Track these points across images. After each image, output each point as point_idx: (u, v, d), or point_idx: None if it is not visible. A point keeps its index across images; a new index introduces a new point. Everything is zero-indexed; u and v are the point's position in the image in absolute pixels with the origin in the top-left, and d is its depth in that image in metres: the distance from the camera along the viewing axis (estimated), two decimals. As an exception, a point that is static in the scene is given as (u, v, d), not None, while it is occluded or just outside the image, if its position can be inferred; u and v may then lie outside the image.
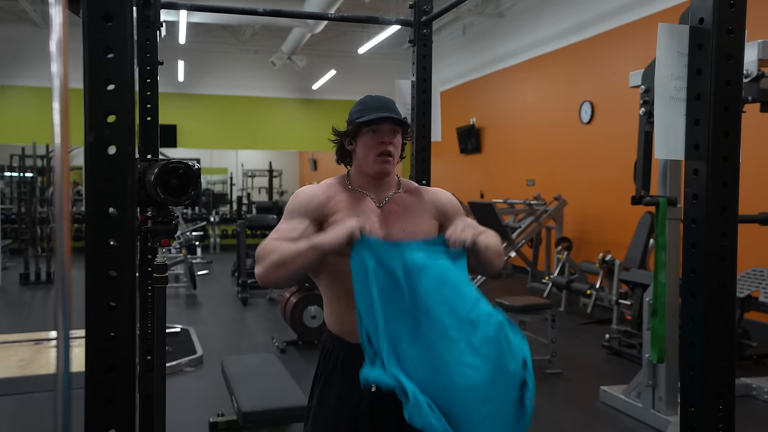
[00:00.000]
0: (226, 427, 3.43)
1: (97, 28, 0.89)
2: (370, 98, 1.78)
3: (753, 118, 2.97)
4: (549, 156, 8.63)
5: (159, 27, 2.46)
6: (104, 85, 0.90)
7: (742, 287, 4.82)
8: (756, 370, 4.52)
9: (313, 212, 1.72)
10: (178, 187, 1.88)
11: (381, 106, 1.74)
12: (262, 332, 5.84)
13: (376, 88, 10.54)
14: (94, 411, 0.92)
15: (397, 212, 1.77)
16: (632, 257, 5.92)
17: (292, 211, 1.73)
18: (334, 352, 1.74)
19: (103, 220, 0.91)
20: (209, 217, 12.10)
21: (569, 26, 8.22)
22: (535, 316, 4.70)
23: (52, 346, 4.84)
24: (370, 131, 1.73)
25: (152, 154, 2.40)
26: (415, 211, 1.78)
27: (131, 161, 0.92)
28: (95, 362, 0.91)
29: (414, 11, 2.45)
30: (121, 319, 0.92)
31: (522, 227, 7.89)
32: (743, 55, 1.18)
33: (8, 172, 11.28)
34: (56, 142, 0.87)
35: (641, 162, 3.63)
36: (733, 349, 1.23)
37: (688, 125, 1.21)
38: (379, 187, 1.78)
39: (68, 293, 0.88)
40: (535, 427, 3.88)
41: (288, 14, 2.57)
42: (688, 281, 1.22)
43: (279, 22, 9.87)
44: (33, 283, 8.20)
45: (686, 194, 1.22)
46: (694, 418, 1.21)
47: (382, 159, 1.73)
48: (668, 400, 3.54)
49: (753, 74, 3.36)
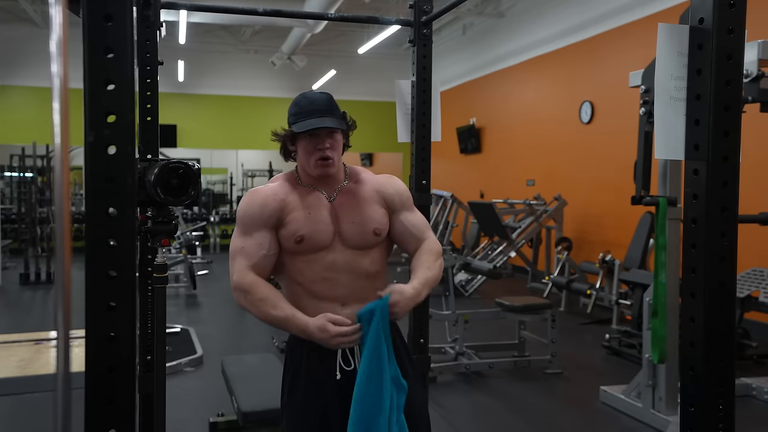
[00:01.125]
0: (226, 427, 3.43)
1: (97, 28, 0.89)
2: (304, 99, 1.81)
3: (753, 118, 2.97)
4: (549, 156, 8.63)
5: (159, 27, 2.46)
6: (104, 85, 0.90)
7: (742, 287, 4.82)
8: (756, 370, 4.52)
9: (268, 220, 1.77)
10: (178, 187, 1.88)
11: (314, 110, 1.75)
12: (262, 332, 5.84)
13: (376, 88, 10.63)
14: (94, 411, 0.92)
15: (347, 204, 1.82)
16: (632, 257, 5.92)
17: (249, 225, 1.78)
18: (298, 345, 1.80)
19: (103, 220, 0.91)
20: (209, 217, 12.10)
21: (569, 26, 8.22)
22: (535, 316, 4.69)
23: (52, 346, 4.84)
24: (306, 136, 1.76)
25: (152, 154, 2.40)
26: (364, 201, 1.82)
27: (131, 161, 0.92)
28: (95, 362, 0.91)
29: (414, 11, 2.45)
30: (121, 319, 0.92)
31: (522, 227, 7.89)
32: (743, 55, 1.18)
33: (8, 172, 11.28)
34: (56, 142, 0.87)
35: (641, 162, 3.62)
36: (733, 349, 1.23)
37: (688, 125, 1.21)
38: (327, 182, 1.84)
39: (68, 293, 0.88)
40: (535, 427, 3.90)
41: (288, 14, 2.57)
42: (688, 281, 1.22)
43: (279, 22, 9.87)
44: (33, 283, 8.20)
45: (686, 194, 1.22)
46: (694, 418, 1.21)
47: (322, 163, 1.77)
48: (668, 400, 3.54)
49: (753, 74, 3.36)
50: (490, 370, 4.55)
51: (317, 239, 1.76)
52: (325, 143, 1.76)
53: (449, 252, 5.16)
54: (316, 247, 1.76)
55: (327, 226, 1.77)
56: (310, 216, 1.77)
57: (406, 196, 1.88)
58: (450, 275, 5.09)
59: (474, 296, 7.50)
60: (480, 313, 5.03)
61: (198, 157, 12.74)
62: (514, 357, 4.71)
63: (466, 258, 6.05)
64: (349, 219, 1.79)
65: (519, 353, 4.76)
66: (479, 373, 4.54)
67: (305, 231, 1.75)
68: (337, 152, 1.81)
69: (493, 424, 3.76)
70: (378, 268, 1.83)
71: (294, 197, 1.80)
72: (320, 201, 1.81)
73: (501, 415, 3.90)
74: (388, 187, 1.86)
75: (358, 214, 1.80)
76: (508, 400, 4.13)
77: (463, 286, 7.54)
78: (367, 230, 1.78)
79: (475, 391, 4.26)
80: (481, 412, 3.94)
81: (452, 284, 5.07)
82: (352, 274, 1.78)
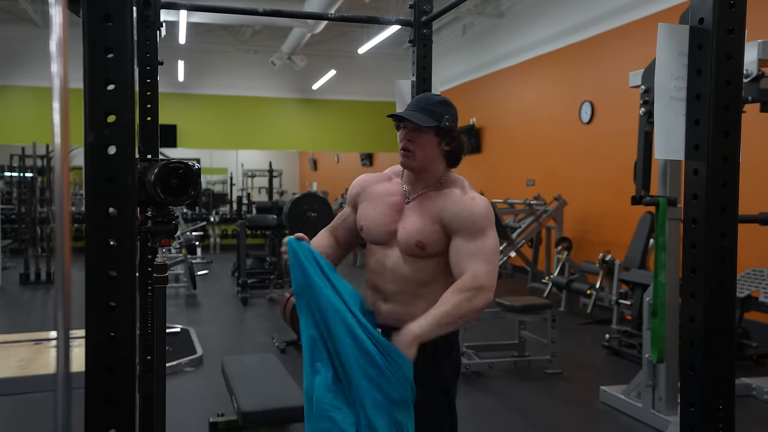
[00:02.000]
0: (226, 427, 3.43)
1: (97, 28, 0.89)
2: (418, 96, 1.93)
3: (753, 118, 2.97)
4: (549, 156, 8.63)
5: (159, 27, 2.46)
6: (104, 85, 0.90)
7: (742, 287, 4.82)
8: (756, 370, 4.52)
9: (351, 201, 2.01)
10: (178, 187, 1.88)
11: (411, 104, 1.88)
12: (262, 332, 5.84)
13: (376, 88, 10.61)
14: (94, 411, 0.92)
15: (414, 210, 1.86)
16: (632, 257, 5.92)
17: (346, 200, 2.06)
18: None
19: (103, 220, 0.91)
20: (209, 217, 12.10)
21: (569, 26, 8.22)
22: (535, 316, 4.69)
23: (52, 346, 4.84)
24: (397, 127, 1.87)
25: (152, 154, 2.40)
26: (425, 212, 1.83)
27: (131, 161, 0.92)
28: (95, 362, 0.91)
29: (414, 11, 2.45)
30: (121, 319, 0.92)
31: (522, 227, 7.89)
32: (743, 55, 1.18)
33: (8, 172, 11.27)
34: (56, 142, 0.87)
35: (641, 162, 3.62)
36: (733, 349, 1.23)
37: (688, 125, 1.21)
38: (416, 182, 1.89)
39: (68, 293, 0.88)
40: (535, 427, 3.89)
41: (288, 14, 2.57)
42: (688, 281, 1.22)
43: (279, 22, 9.87)
44: (33, 283, 8.19)
45: (686, 194, 1.22)
46: (694, 418, 1.21)
47: (402, 153, 1.84)
48: (668, 400, 3.54)
49: (753, 74, 3.36)
50: (490, 370, 4.55)
51: (372, 233, 1.88)
52: (406, 136, 1.82)
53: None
54: (372, 239, 1.90)
55: (385, 225, 1.86)
56: (374, 210, 1.89)
57: (470, 222, 1.77)
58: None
59: (474, 296, 7.49)
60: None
61: (198, 157, 12.77)
62: (514, 357, 4.71)
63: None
64: (406, 224, 1.84)
65: (519, 353, 4.76)
66: (479, 373, 4.54)
67: (364, 222, 1.91)
68: (421, 148, 1.82)
69: (493, 424, 3.76)
70: (427, 279, 1.82)
71: (378, 188, 1.94)
72: (396, 199, 1.89)
73: (501, 415, 3.90)
74: (450, 208, 1.81)
75: (412, 222, 1.83)
76: (508, 400, 4.13)
77: (463, 286, 7.52)
78: (411, 240, 1.81)
79: (475, 391, 4.26)
80: (481, 412, 3.94)
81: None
82: (398, 275, 1.84)
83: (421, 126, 1.78)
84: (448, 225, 1.79)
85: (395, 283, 1.85)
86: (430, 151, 1.83)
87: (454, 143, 1.85)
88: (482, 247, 1.75)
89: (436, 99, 1.84)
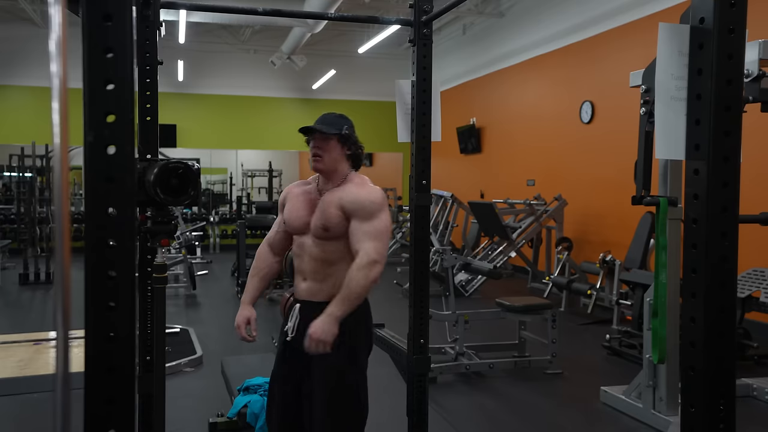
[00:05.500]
0: (225, 427, 3.43)
1: (96, 27, 0.89)
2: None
3: (753, 118, 2.97)
4: (549, 156, 8.63)
5: (159, 27, 2.46)
6: (104, 85, 0.90)
7: (742, 287, 4.82)
8: (757, 370, 4.52)
9: (280, 206, 2.38)
10: (177, 187, 1.88)
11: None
12: (262, 332, 5.82)
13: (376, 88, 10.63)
14: (94, 411, 0.91)
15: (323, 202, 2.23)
16: (633, 257, 5.92)
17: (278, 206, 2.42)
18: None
19: (103, 220, 0.91)
20: (209, 217, 12.09)
21: (569, 26, 8.21)
22: (535, 316, 4.69)
23: (51, 346, 4.83)
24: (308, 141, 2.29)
25: (152, 154, 2.40)
26: (330, 203, 2.20)
27: (131, 161, 0.92)
28: (95, 362, 0.91)
29: (414, 11, 2.45)
30: (120, 319, 0.92)
31: (522, 227, 7.89)
32: (744, 54, 1.18)
33: (7, 172, 11.27)
34: (56, 142, 0.86)
35: (642, 162, 3.61)
36: (734, 350, 1.23)
37: (689, 125, 1.21)
38: (327, 182, 2.28)
39: (68, 293, 0.88)
40: (535, 427, 3.89)
41: (288, 14, 2.57)
42: (688, 281, 1.22)
43: (279, 22, 9.86)
44: (32, 283, 8.19)
45: (687, 194, 1.21)
46: (695, 419, 1.21)
47: (312, 159, 2.26)
48: (669, 401, 3.54)
49: (754, 74, 3.35)
50: (490, 371, 4.54)
51: (292, 224, 2.28)
52: (315, 144, 2.24)
53: (449, 252, 5.16)
54: (292, 230, 2.29)
55: (302, 217, 2.26)
56: (294, 207, 2.29)
57: (361, 206, 2.17)
58: (450, 275, 5.08)
59: (474, 296, 7.50)
60: (480, 313, 5.03)
61: (198, 157, 12.73)
62: (515, 357, 4.70)
63: (467, 258, 6.05)
64: (317, 214, 2.21)
65: (519, 353, 4.76)
66: (479, 374, 4.53)
67: (287, 217, 2.31)
68: (328, 153, 2.23)
69: (493, 424, 3.75)
70: (335, 258, 2.20)
71: (297, 191, 2.34)
72: (311, 197, 2.29)
73: (501, 416, 3.90)
74: (348, 196, 2.19)
75: (321, 211, 2.21)
76: (508, 401, 4.13)
77: (463, 286, 7.54)
78: (319, 224, 2.20)
79: (475, 391, 4.26)
80: (481, 412, 3.94)
81: (452, 284, 5.07)
82: (312, 257, 2.23)
83: (327, 134, 2.20)
84: (346, 209, 2.17)
85: (310, 263, 2.23)
86: (336, 154, 2.24)
87: (354, 148, 2.28)
88: (373, 228, 2.16)
89: (335, 114, 2.28)
